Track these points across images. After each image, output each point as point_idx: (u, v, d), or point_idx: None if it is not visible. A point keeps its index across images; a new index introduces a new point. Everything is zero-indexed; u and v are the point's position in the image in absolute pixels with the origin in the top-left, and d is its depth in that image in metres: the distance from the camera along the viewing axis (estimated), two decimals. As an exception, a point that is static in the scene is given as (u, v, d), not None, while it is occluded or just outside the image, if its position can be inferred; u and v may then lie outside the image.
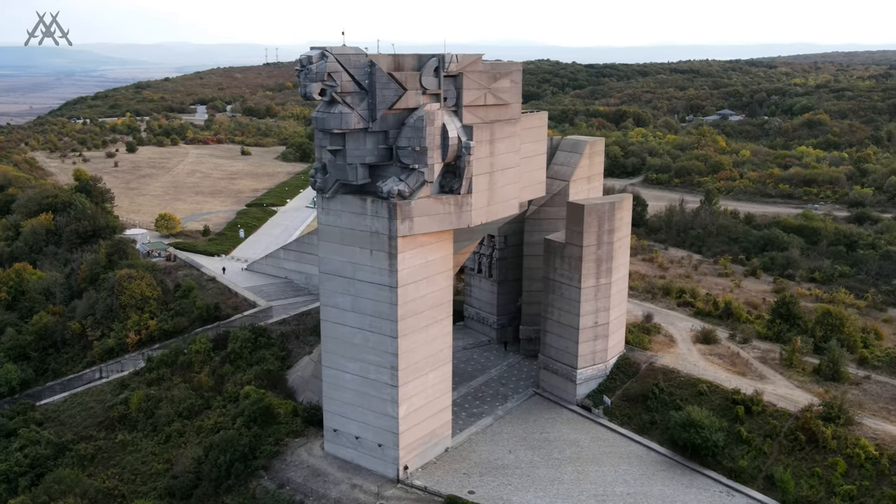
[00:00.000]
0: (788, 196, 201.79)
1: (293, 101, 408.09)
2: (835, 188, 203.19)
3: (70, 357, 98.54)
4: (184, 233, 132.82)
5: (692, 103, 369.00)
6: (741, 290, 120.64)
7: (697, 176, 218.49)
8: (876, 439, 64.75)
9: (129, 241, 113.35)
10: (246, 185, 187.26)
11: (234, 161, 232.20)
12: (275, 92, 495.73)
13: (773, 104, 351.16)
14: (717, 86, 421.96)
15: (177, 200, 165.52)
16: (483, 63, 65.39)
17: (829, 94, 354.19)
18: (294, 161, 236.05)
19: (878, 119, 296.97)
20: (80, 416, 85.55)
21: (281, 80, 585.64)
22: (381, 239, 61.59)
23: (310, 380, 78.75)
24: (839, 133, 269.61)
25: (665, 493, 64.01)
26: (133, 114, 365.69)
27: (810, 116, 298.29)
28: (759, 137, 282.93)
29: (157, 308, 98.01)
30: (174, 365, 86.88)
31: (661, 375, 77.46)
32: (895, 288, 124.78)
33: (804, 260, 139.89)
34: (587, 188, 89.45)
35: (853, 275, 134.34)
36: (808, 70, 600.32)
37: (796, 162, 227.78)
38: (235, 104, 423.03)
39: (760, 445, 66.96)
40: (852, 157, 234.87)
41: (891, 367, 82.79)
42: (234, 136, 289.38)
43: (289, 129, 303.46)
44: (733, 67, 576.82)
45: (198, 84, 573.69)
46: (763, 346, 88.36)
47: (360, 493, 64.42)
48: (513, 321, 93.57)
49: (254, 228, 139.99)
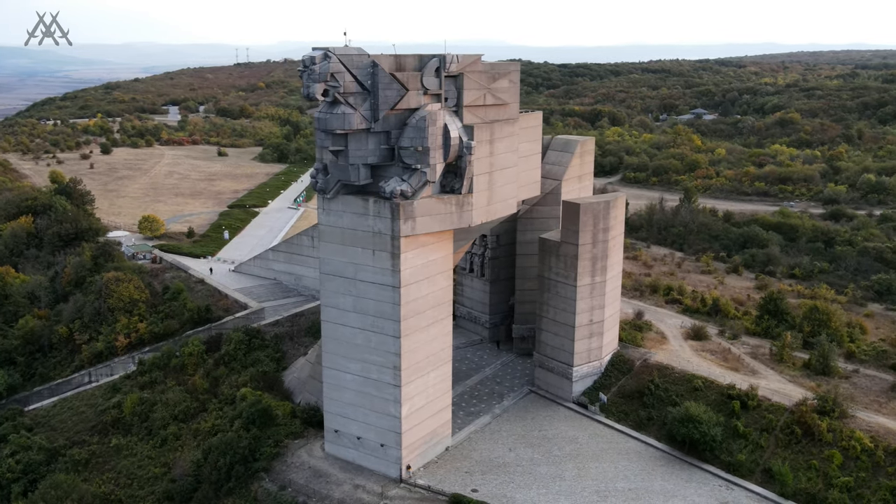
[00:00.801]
0: (764, 194, 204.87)
1: (267, 102, 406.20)
2: (809, 186, 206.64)
3: (58, 361, 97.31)
4: (167, 235, 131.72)
5: (665, 102, 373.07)
6: (725, 286, 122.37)
7: (675, 174, 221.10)
8: (870, 431, 66.06)
9: (115, 244, 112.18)
10: (226, 187, 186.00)
11: (211, 162, 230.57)
12: (247, 92, 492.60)
13: (745, 103, 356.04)
14: (689, 85, 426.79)
15: (157, 202, 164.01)
16: (482, 63, 65.76)
17: (799, 93, 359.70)
18: (272, 162, 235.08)
19: (847, 118, 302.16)
20: (72, 421, 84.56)
21: (253, 80, 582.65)
22: (384, 239, 61.62)
23: (307, 381, 78.54)
24: (811, 132, 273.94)
25: (666, 487, 64.77)
26: (104, 115, 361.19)
27: (782, 115, 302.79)
28: (733, 136, 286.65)
29: (146, 311, 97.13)
30: (167, 368, 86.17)
31: (656, 372, 78.32)
32: (874, 283, 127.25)
33: (784, 257, 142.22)
34: (578, 187, 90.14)
35: (832, 271, 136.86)
36: (777, 70, 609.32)
37: (771, 160, 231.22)
38: (208, 105, 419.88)
39: (757, 439, 68.01)
40: (825, 155, 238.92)
41: (878, 360, 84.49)
42: (209, 137, 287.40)
43: (264, 129, 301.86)
44: (703, 67, 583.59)
45: (169, 84, 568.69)
46: (752, 342, 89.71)
47: (363, 493, 64.40)
48: (505, 320, 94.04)
49: (238, 230, 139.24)
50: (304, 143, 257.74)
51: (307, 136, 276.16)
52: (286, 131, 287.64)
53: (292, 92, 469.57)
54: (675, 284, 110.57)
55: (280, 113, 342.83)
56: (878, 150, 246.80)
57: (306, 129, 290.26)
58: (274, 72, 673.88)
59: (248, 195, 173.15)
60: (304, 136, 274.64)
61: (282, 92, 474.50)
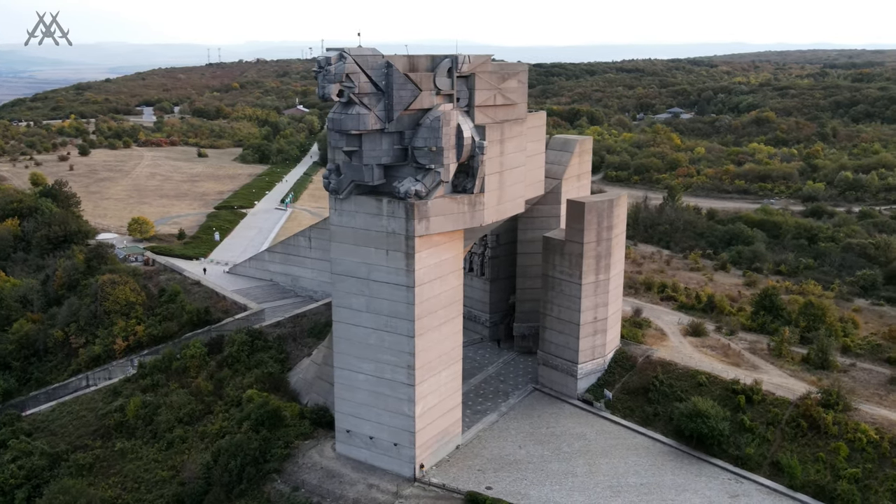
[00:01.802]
0: (745, 191, 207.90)
1: (243, 103, 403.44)
2: (788, 183, 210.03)
3: (54, 365, 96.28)
4: (157, 236, 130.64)
5: (642, 102, 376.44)
6: (714, 283, 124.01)
7: (656, 173, 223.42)
8: (874, 423, 67.45)
9: (108, 246, 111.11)
10: (210, 188, 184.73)
11: (192, 163, 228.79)
12: (222, 93, 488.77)
13: (720, 102, 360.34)
14: (665, 84, 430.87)
15: (142, 204, 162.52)
16: (492, 64, 66.22)
17: (772, 92, 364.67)
18: (253, 163, 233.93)
19: (821, 116, 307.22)
20: (73, 426, 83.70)
21: (226, 80, 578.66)
22: (398, 239, 61.79)
23: (314, 382, 78.47)
24: (787, 130, 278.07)
25: (676, 482, 65.65)
26: (77, 116, 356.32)
27: (757, 114, 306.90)
28: (711, 135, 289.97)
29: (143, 313, 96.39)
30: (169, 370, 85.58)
31: (660, 368, 79.23)
32: (859, 279, 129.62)
33: (769, 253, 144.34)
34: (577, 186, 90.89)
35: (817, 267, 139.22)
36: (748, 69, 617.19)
37: (749, 158, 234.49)
38: (184, 105, 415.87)
39: (764, 433, 69.13)
40: (801, 154, 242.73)
41: (873, 354, 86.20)
42: (187, 138, 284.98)
43: (243, 130, 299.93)
44: (676, 66, 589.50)
45: (140, 85, 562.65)
46: (749, 338, 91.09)
47: (377, 492, 64.55)
48: (504, 319, 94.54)
49: (227, 231, 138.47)
50: (284, 143, 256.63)
51: (287, 136, 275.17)
52: (266, 132, 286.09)
53: (268, 92, 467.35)
54: (668, 282, 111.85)
55: (258, 113, 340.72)
56: (853, 148, 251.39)
57: (285, 129, 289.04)
58: (247, 72, 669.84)
59: (233, 196, 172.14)
60: (284, 136, 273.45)
61: (257, 92, 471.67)
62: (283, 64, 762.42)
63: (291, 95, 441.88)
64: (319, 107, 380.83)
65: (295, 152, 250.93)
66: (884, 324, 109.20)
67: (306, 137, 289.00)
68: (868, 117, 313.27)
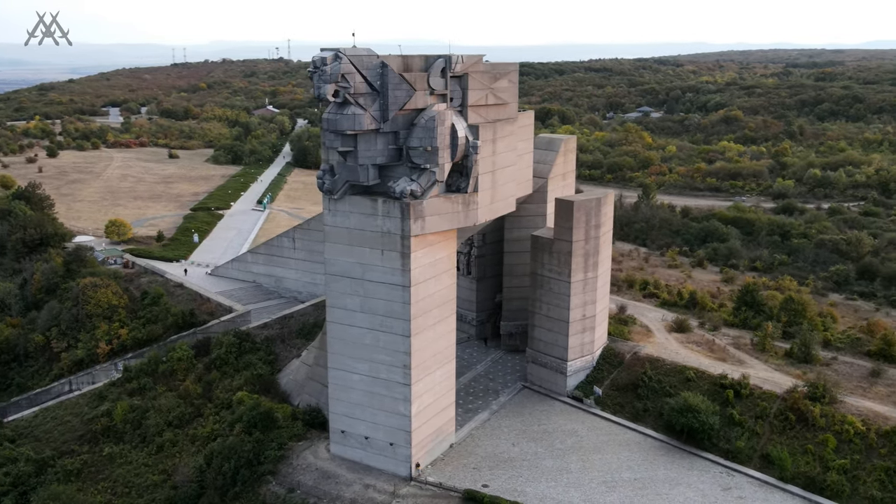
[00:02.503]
0: (716, 189, 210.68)
1: (211, 103, 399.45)
2: (758, 181, 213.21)
3: (35, 370, 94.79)
4: (135, 239, 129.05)
5: (611, 101, 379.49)
6: (693, 280, 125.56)
7: (629, 171, 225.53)
8: (860, 415, 68.91)
9: (87, 249, 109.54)
10: (184, 189, 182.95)
11: (163, 165, 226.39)
12: (189, 93, 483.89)
13: (688, 101, 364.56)
14: (633, 84, 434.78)
15: (116, 206, 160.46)
16: (483, 63, 66.57)
17: (739, 91, 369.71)
18: (226, 164, 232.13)
19: (787, 115, 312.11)
20: (58, 431, 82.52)
21: (192, 80, 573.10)
22: (393, 239, 61.86)
23: (305, 383, 78.23)
24: (755, 128, 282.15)
25: (669, 476, 66.54)
26: (42, 117, 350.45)
27: (725, 113, 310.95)
28: (681, 133, 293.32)
29: (126, 317, 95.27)
30: (155, 374, 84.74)
31: (648, 364, 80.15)
32: (832, 274, 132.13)
33: (745, 250, 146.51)
34: (562, 185, 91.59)
35: (791, 263, 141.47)
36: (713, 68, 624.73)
37: (720, 156, 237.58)
38: (151, 106, 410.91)
39: (753, 427, 70.31)
40: (770, 152, 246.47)
41: (853, 347, 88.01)
42: (156, 139, 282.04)
43: (213, 131, 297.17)
44: (643, 66, 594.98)
45: (105, 85, 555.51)
46: (732, 333, 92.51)
47: (374, 492, 64.57)
48: (491, 317, 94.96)
49: (206, 233, 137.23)
50: (256, 144, 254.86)
51: (259, 137, 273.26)
52: (237, 133, 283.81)
53: (236, 93, 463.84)
54: (650, 279, 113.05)
55: (227, 114, 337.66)
56: (820, 146, 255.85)
57: (257, 130, 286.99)
58: (213, 72, 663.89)
59: (209, 197, 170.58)
60: (256, 136, 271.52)
61: (225, 93, 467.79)
62: (249, 64, 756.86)
63: (260, 96, 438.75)
64: (290, 107, 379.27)
65: (267, 153, 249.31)
66: (859, 318, 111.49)
67: (278, 138, 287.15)
68: (833, 115, 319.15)
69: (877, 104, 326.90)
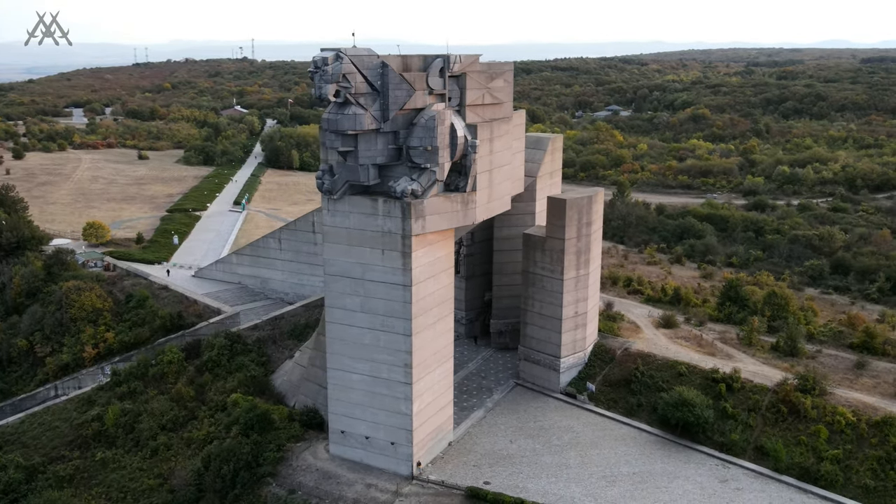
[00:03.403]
0: (688, 186, 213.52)
1: (178, 103, 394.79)
2: (729, 178, 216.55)
3: (19, 376, 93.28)
4: (114, 241, 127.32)
5: (580, 99, 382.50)
6: (673, 276, 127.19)
7: (602, 170, 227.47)
8: (850, 406, 70.49)
9: (68, 252, 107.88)
10: (158, 191, 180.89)
11: (133, 166, 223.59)
12: (154, 93, 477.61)
13: (656, 100, 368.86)
14: (601, 82, 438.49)
15: (90, 208, 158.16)
16: (480, 63, 66.98)
17: (705, 89, 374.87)
18: (198, 165, 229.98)
19: (753, 113, 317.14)
20: (46, 437, 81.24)
21: (156, 80, 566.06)
22: (394, 238, 61.97)
23: (300, 383, 78.00)
24: (722, 126, 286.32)
25: (667, 469, 67.49)
26: (3, 118, 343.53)
27: (693, 111, 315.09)
28: (650, 132, 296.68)
29: (111, 320, 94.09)
30: (145, 377, 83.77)
31: (640, 360, 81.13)
32: (807, 269, 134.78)
33: (721, 246, 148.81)
34: (550, 183, 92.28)
35: (766, 258, 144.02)
36: (676, 67, 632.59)
37: (690, 154, 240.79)
38: (115, 106, 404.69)
39: (746, 419, 71.56)
40: (738, 149, 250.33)
41: (835, 340, 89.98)
42: (124, 140, 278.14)
43: (182, 131, 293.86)
44: (608, 65, 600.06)
45: (66, 86, 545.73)
46: (718, 328, 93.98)
47: (376, 492, 64.64)
48: (480, 316, 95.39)
49: (185, 234, 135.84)
50: (228, 144, 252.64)
51: (229, 137, 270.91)
52: (207, 133, 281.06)
53: (202, 93, 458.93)
54: (633, 275, 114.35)
55: (195, 114, 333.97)
56: (786, 144, 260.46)
57: (227, 130, 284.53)
58: (177, 72, 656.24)
59: (184, 199, 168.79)
60: (227, 137, 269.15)
61: (191, 93, 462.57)
62: (213, 64, 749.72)
63: (227, 96, 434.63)
64: (258, 107, 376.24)
65: (239, 153, 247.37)
66: (836, 311, 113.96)
67: (248, 138, 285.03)
68: (797, 113, 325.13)
69: (839, 102, 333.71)
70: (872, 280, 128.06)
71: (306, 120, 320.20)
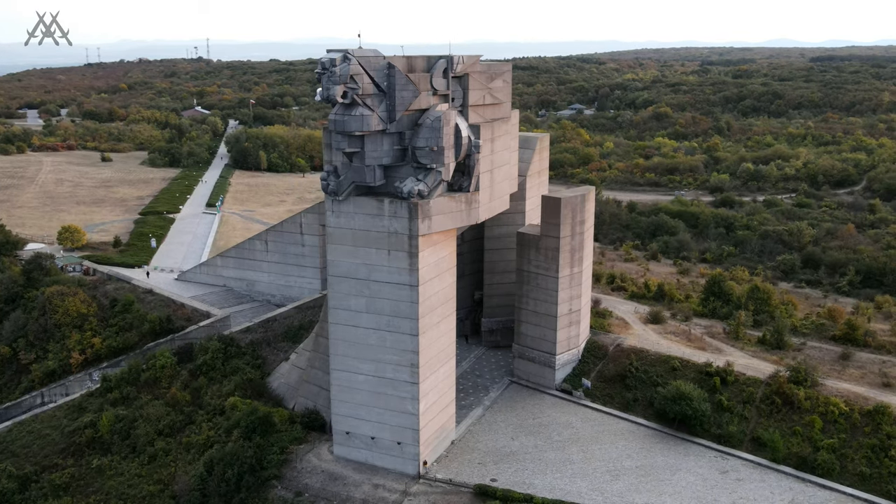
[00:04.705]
0: (656, 184, 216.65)
1: (136, 104, 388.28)
2: (695, 175, 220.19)
3: (3, 384, 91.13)
4: (90, 245, 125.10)
5: (542, 99, 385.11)
6: (651, 273, 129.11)
7: (570, 168, 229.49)
8: (842, 396, 72.47)
9: (48, 257, 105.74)
10: (127, 193, 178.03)
11: (98, 168, 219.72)
12: (110, 94, 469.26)
13: (617, 98, 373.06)
14: (561, 81, 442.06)
15: (59, 212, 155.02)
16: (480, 64, 67.53)
17: (665, 88, 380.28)
18: (164, 166, 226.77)
19: (713, 111, 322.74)
20: (37, 445, 79.73)
21: (111, 81, 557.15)
22: (401, 239, 62.16)
23: (300, 385, 77.68)
24: (685, 124, 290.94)
25: (668, 462, 68.71)
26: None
27: (654, 109, 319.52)
28: (614, 130, 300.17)
29: (97, 325, 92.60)
30: (138, 382, 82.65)
31: (633, 355, 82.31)
32: (779, 264, 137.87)
33: (694, 242, 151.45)
34: (538, 182, 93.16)
35: (739, 254, 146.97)
36: (633, 66, 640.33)
37: (656, 152, 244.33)
38: (72, 108, 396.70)
39: (741, 412, 73.15)
40: (702, 147, 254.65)
41: (818, 332, 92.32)
42: (85, 142, 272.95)
43: (144, 133, 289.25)
44: (567, 64, 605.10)
45: (18, 87, 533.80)
46: (704, 323, 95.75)
47: (384, 492, 64.79)
48: (470, 314, 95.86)
49: (161, 237, 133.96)
50: (193, 146, 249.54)
51: (194, 138, 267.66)
52: (170, 134, 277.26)
53: (161, 94, 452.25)
54: (616, 273, 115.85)
55: (156, 116, 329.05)
56: (748, 141, 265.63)
57: (190, 131, 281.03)
58: (131, 72, 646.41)
59: (155, 201, 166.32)
60: (191, 138, 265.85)
61: (149, 94, 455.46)
62: (168, 64, 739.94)
63: (187, 97, 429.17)
64: (219, 107, 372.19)
65: (205, 155, 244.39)
66: (810, 304, 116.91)
67: (212, 139, 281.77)
68: (755, 111, 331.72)
69: (795, 100, 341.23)
70: (843, 273, 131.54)
71: (270, 121, 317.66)
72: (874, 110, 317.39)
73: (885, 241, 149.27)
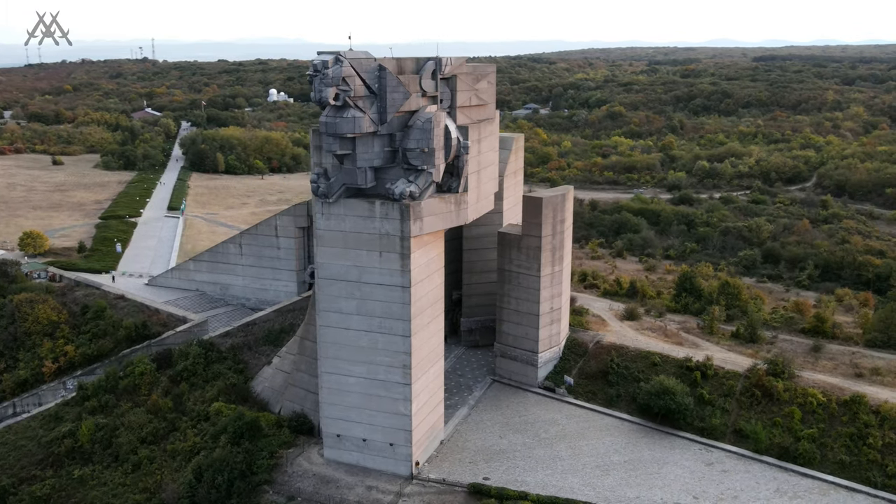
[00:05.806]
0: (614, 182, 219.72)
1: (84, 106, 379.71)
2: (652, 173, 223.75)
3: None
4: (53, 251, 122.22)
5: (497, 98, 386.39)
6: (619, 270, 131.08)
7: (529, 167, 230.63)
8: (819, 388, 74.64)
9: (13, 264, 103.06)
10: (84, 197, 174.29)
11: (50, 172, 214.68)
12: (55, 96, 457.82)
13: (571, 98, 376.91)
14: (515, 81, 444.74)
15: (16, 217, 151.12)
16: (466, 65, 67.96)
17: (617, 87, 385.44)
18: (118, 169, 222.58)
19: (665, 110, 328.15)
20: (12, 457, 77.77)
21: (54, 82, 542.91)
22: (392, 240, 62.21)
23: (285, 389, 77.13)
24: (639, 123, 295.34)
25: (655, 456, 69.96)
26: None
27: (608, 109, 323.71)
28: (570, 129, 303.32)
29: (69, 332, 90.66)
30: (116, 390, 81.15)
31: (613, 352, 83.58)
32: (741, 259, 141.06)
33: (657, 239, 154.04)
34: (514, 182, 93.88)
35: (701, 250, 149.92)
36: (583, 65, 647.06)
37: (613, 151, 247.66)
38: (15, 110, 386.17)
39: (722, 405, 74.84)
40: (657, 145, 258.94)
41: (788, 326, 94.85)
42: (33, 145, 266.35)
43: (95, 135, 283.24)
44: (518, 63, 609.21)
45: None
46: (677, 318, 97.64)
47: (377, 493, 64.78)
48: (447, 314, 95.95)
49: (125, 242, 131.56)
50: (148, 148, 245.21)
51: (147, 140, 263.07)
52: (122, 137, 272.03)
53: (108, 95, 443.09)
54: (588, 271, 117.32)
55: (106, 118, 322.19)
56: (700, 139, 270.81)
57: (144, 133, 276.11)
58: (75, 73, 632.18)
59: (115, 205, 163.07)
60: (145, 140, 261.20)
61: (96, 95, 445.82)
62: (113, 65, 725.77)
63: (135, 98, 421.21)
64: (170, 109, 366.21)
65: (160, 157, 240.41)
66: (774, 299, 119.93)
67: (165, 141, 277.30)
68: (705, 110, 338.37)
69: (744, 99, 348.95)
70: (802, 268, 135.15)
71: (223, 122, 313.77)
72: (819, 108, 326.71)
73: (840, 236, 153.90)
